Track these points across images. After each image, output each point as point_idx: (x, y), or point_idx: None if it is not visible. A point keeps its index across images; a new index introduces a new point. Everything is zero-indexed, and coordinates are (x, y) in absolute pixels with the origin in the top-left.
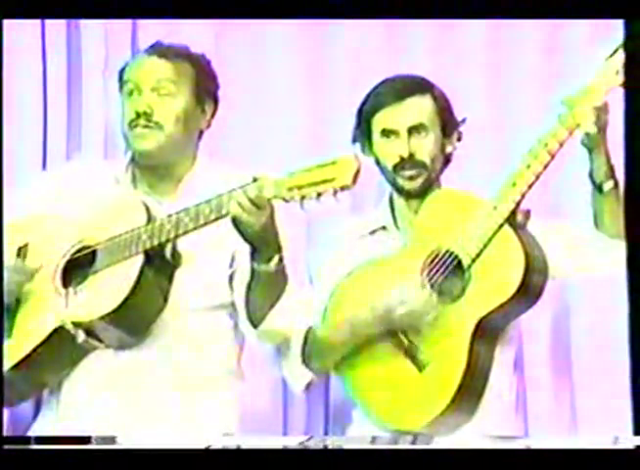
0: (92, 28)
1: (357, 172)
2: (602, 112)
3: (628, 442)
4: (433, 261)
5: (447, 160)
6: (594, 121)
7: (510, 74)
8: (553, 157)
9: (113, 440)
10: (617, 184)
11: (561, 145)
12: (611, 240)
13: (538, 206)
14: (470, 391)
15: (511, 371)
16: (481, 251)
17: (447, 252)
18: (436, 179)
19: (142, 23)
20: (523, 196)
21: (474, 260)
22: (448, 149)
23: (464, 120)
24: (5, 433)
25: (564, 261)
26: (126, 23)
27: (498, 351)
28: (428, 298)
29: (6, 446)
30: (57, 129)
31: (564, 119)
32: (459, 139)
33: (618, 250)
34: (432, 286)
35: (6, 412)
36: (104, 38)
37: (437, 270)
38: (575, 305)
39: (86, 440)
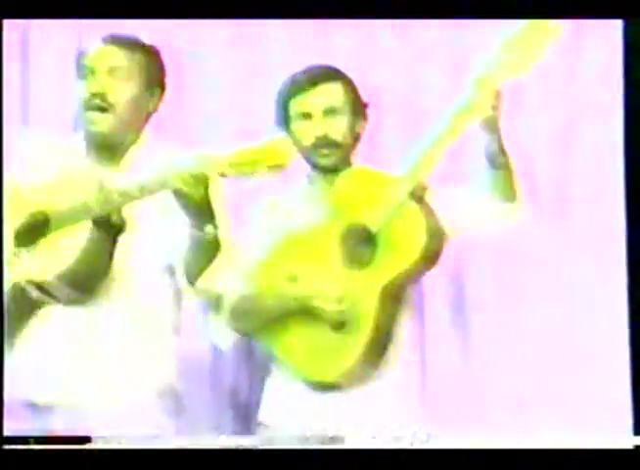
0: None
1: (290, 153)
2: (499, 96)
3: (628, 442)
4: (346, 234)
5: (357, 139)
6: (493, 104)
7: (419, 58)
8: (458, 135)
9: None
10: (507, 156)
11: (464, 125)
12: (503, 203)
13: (443, 175)
14: (376, 346)
15: (413, 328)
16: (388, 222)
17: (358, 224)
18: (349, 157)
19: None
20: (428, 171)
21: (381, 231)
22: (358, 129)
23: (367, 105)
24: (5, 433)
25: (463, 221)
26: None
27: (402, 310)
28: (340, 272)
29: (6, 446)
30: (12, 105)
31: (468, 101)
32: (366, 120)
33: (509, 210)
34: (344, 257)
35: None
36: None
37: (350, 242)
38: (470, 265)
39: (86, 440)
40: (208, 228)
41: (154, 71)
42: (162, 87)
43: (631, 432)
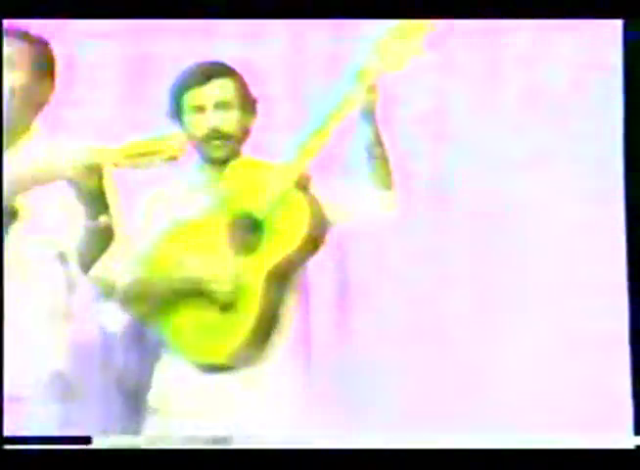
0: None
1: (183, 145)
2: (376, 89)
3: (628, 442)
4: (234, 222)
5: (247, 132)
6: (372, 98)
7: (305, 51)
8: (336, 126)
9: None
10: (383, 147)
11: (342, 117)
12: (381, 191)
13: (326, 166)
14: (263, 328)
15: (298, 312)
16: (273, 210)
17: (245, 212)
18: (239, 149)
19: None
20: (310, 160)
21: (267, 218)
22: (248, 123)
23: (256, 100)
24: (5, 433)
25: (345, 209)
26: None
27: (287, 294)
28: (228, 258)
29: (6, 446)
30: None
31: (346, 94)
32: (255, 115)
33: (386, 199)
34: (232, 244)
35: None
36: None
37: (237, 229)
38: (353, 251)
39: (86, 440)
40: (102, 218)
41: (43, 62)
42: (53, 78)
43: (631, 432)
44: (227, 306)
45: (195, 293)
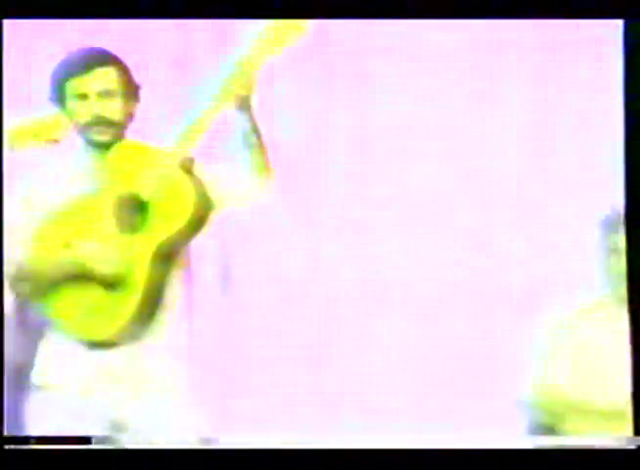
0: None
1: (65, 128)
2: (253, 79)
3: (628, 442)
4: (119, 203)
5: (131, 117)
6: (248, 88)
7: (189, 41)
8: (218, 113)
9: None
10: (259, 136)
11: (223, 104)
12: (258, 178)
13: (210, 152)
14: (148, 305)
15: (183, 288)
16: (158, 191)
17: (130, 193)
18: (122, 133)
19: None
20: (193, 144)
21: (151, 199)
22: (131, 109)
23: (139, 87)
24: (5, 433)
25: (226, 195)
26: None
27: (172, 272)
28: (114, 238)
29: (6, 446)
30: None
31: (226, 84)
32: (139, 100)
33: (263, 185)
34: (117, 224)
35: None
36: None
37: (123, 210)
38: (234, 233)
39: (86, 440)
40: None
41: None
42: None
43: (631, 432)
44: (113, 285)
45: (81, 272)
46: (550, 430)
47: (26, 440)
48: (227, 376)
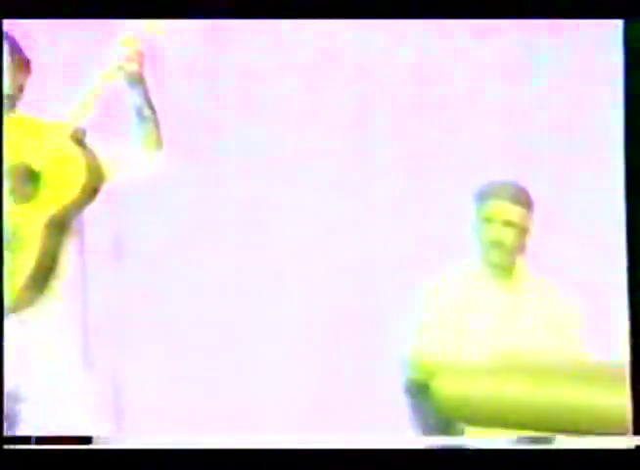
0: None
1: None
2: (141, 54)
3: (628, 442)
4: (11, 172)
5: (22, 90)
6: (138, 62)
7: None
8: (109, 87)
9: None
10: (153, 110)
11: (113, 80)
12: (150, 150)
13: (101, 124)
14: (41, 272)
15: (74, 257)
16: (50, 161)
17: (22, 163)
18: (15, 105)
19: None
20: (85, 117)
21: (44, 169)
22: (22, 82)
23: (30, 61)
24: (5, 433)
25: (118, 166)
26: None
27: (65, 240)
28: (8, 207)
29: (6, 446)
30: None
31: (115, 58)
32: (30, 73)
33: (155, 157)
34: (10, 194)
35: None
36: None
37: (15, 180)
38: (126, 203)
39: (86, 440)
40: None
41: None
42: None
43: (631, 432)
44: (12, 252)
45: None
46: (424, 387)
47: (26, 440)
48: (119, 344)
